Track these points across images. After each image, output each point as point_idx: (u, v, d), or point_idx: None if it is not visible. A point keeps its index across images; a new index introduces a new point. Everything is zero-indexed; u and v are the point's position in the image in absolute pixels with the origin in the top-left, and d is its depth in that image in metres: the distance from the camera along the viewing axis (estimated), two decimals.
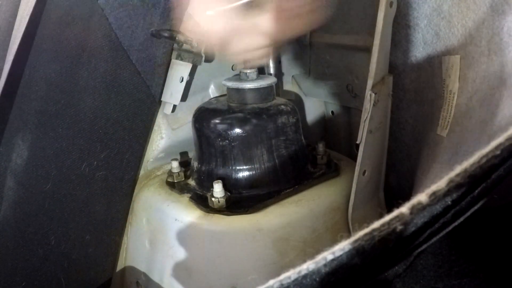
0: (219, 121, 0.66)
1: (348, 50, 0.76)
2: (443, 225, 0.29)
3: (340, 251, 0.27)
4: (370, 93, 0.59)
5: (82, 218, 0.69)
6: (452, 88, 0.54)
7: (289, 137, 0.67)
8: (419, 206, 0.27)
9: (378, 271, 0.30)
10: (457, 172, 0.27)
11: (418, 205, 0.27)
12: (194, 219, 0.63)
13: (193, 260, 0.65)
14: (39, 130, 0.62)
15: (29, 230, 0.64)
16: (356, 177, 0.62)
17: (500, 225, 0.55)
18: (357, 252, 0.27)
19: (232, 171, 0.66)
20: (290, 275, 0.27)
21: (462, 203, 0.29)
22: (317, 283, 0.28)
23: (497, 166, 0.27)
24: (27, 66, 0.60)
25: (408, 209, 0.27)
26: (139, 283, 0.75)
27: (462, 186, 0.27)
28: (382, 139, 0.68)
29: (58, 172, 0.65)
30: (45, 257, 0.66)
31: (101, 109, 0.67)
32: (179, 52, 0.71)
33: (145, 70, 0.69)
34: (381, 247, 0.28)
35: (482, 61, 0.48)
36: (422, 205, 0.27)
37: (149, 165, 0.78)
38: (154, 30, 0.68)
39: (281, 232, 0.61)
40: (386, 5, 0.58)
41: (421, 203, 0.27)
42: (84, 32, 0.63)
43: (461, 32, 0.53)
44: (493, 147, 0.26)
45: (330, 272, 0.28)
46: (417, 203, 0.27)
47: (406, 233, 0.28)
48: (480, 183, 0.28)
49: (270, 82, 0.68)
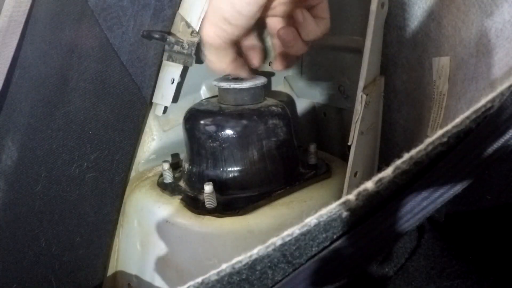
0: (210, 122, 0.66)
1: (340, 51, 0.76)
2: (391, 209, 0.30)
3: (288, 237, 0.28)
4: (362, 94, 0.59)
5: (72, 220, 0.68)
6: (442, 90, 0.54)
7: (280, 138, 0.67)
8: (365, 192, 0.28)
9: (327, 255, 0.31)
10: (404, 159, 0.27)
11: (364, 191, 0.28)
12: (185, 221, 0.63)
13: (184, 262, 0.64)
14: (29, 132, 0.62)
15: (19, 232, 0.63)
16: (348, 178, 0.62)
17: (492, 226, 0.55)
18: (305, 237, 0.28)
19: (223, 173, 0.66)
20: (242, 259, 0.28)
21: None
22: (268, 267, 0.28)
23: (445, 153, 0.28)
24: (16, 67, 0.59)
25: (354, 195, 0.28)
26: (131, 285, 0.75)
27: (407, 172, 0.28)
28: (374, 140, 0.68)
29: (48, 173, 0.64)
30: (36, 260, 0.66)
31: (91, 110, 0.66)
32: (170, 53, 0.70)
33: (136, 72, 0.69)
34: (326, 232, 0.29)
35: (471, 62, 0.48)
36: (368, 192, 0.28)
37: (140, 166, 0.78)
38: (145, 31, 0.67)
39: (272, 233, 0.61)
40: (378, 6, 0.58)
41: (367, 190, 0.28)
42: (74, 33, 0.63)
43: (451, 33, 0.53)
44: (440, 135, 0.27)
45: (280, 255, 0.28)
46: (363, 189, 0.28)
47: (352, 219, 0.29)
48: (427, 170, 0.29)
49: (261, 82, 0.68)
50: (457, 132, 0.27)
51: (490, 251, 0.52)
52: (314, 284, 0.30)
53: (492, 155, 0.28)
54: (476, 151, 0.28)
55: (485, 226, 0.54)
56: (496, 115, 0.27)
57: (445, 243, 0.54)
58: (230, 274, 0.29)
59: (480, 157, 0.28)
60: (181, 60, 0.70)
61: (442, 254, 0.54)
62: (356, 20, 0.70)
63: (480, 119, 0.28)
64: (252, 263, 0.29)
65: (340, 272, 0.31)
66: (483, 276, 0.49)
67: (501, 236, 0.52)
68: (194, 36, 0.68)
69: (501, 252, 0.50)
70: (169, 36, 0.68)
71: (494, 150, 0.28)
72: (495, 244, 0.52)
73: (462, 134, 0.28)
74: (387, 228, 0.30)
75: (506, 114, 0.27)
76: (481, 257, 0.51)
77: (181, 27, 0.70)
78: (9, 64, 0.58)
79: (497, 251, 0.51)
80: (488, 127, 0.28)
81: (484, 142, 0.28)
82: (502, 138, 0.27)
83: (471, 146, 0.28)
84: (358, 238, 0.30)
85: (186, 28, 0.69)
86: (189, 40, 0.68)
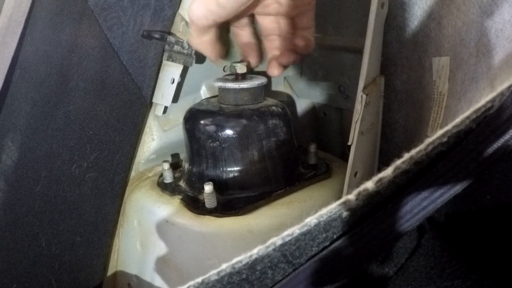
0: (210, 122, 0.66)
1: (340, 51, 0.76)
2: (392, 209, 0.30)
3: (288, 236, 0.28)
4: (362, 94, 0.58)
5: (72, 220, 0.68)
6: (442, 90, 0.54)
7: (280, 138, 0.67)
8: (365, 192, 0.28)
9: (327, 255, 0.31)
10: (404, 159, 0.27)
11: (364, 191, 0.28)
12: (185, 221, 0.63)
13: (184, 262, 0.64)
14: (29, 131, 0.62)
15: (19, 232, 0.64)
16: (348, 179, 0.62)
17: (492, 226, 0.55)
18: (305, 237, 0.28)
19: (223, 173, 0.66)
20: (242, 259, 0.28)
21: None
22: (268, 267, 0.28)
23: (445, 153, 0.28)
24: (16, 67, 0.59)
25: (354, 195, 0.28)
26: (131, 285, 0.75)
27: (407, 172, 0.28)
28: (374, 141, 0.68)
29: (48, 173, 0.64)
30: (36, 259, 0.66)
31: (91, 110, 0.66)
32: (170, 53, 0.70)
33: (136, 72, 0.69)
34: (326, 232, 0.29)
35: (471, 62, 0.48)
36: (368, 192, 0.28)
37: (140, 166, 0.78)
38: (145, 31, 0.67)
39: (272, 233, 0.61)
40: (378, 6, 0.57)
41: (367, 190, 0.28)
42: (74, 33, 0.63)
43: (451, 33, 0.53)
44: (440, 135, 0.27)
45: (280, 255, 0.28)
46: (363, 189, 0.28)
47: (352, 219, 0.29)
48: (427, 170, 0.29)
49: (261, 82, 0.68)
50: (457, 132, 0.27)
51: (490, 251, 0.52)
52: (314, 284, 0.30)
53: (492, 155, 0.28)
54: (476, 151, 0.28)
55: (485, 226, 0.54)
56: (496, 115, 0.27)
57: (445, 243, 0.54)
58: (230, 274, 0.29)
59: (480, 157, 0.28)
60: (181, 60, 0.70)
61: (442, 254, 0.53)
62: (356, 20, 0.70)
63: (480, 119, 0.27)
64: (252, 263, 0.29)
65: (340, 272, 0.31)
66: (483, 276, 0.49)
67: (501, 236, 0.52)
68: None
69: (501, 252, 0.50)
70: (169, 36, 0.69)
71: (494, 150, 0.28)
72: (495, 244, 0.52)
73: (462, 134, 0.28)
74: (387, 228, 0.30)
75: (506, 114, 0.27)
76: (481, 257, 0.51)
77: (181, 27, 0.70)
78: (9, 64, 0.58)
79: (497, 251, 0.51)
80: (488, 127, 0.28)
81: (484, 142, 0.28)
82: (502, 138, 0.27)
83: (471, 146, 0.28)
84: (358, 238, 0.30)
85: (186, 28, 0.70)
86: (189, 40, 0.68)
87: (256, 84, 0.67)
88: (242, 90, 0.67)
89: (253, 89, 0.68)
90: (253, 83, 0.67)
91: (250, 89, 0.67)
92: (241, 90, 0.67)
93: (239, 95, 0.67)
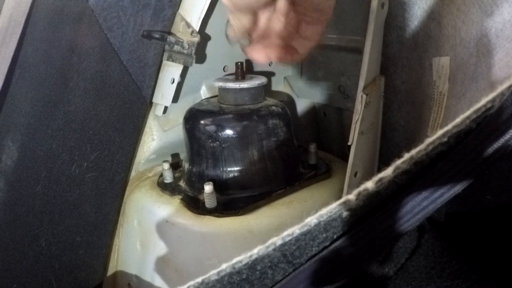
0: (210, 122, 0.66)
1: (340, 51, 0.76)
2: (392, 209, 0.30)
3: (288, 236, 0.28)
4: (362, 94, 0.59)
5: (72, 220, 0.68)
6: (442, 90, 0.54)
7: (280, 138, 0.67)
8: (365, 192, 0.28)
9: (327, 255, 0.31)
10: (404, 159, 0.27)
11: (364, 191, 0.28)
12: (185, 221, 0.63)
13: (184, 262, 0.64)
14: (29, 132, 0.62)
15: (19, 232, 0.63)
16: (348, 178, 0.62)
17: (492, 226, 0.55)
18: (305, 237, 0.28)
19: (223, 173, 0.66)
20: (242, 259, 0.28)
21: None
22: (268, 267, 0.28)
23: (445, 153, 0.28)
24: (16, 67, 0.59)
25: (354, 195, 0.28)
26: (131, 285, 0.75)
27: (408, 172, 0.28)
28: (374, 140, 0.68)
29: (48, 173, 0.64)
30: (36, 259, 0.66)
31: (91, 110, 0.66)
32: (170, 53, 0.70)
33: (136, 72, 0.69)
34: (326, 232, 0.29)
35: (471, 62, 0.48)
36: (368, 192, 0.28)
37: (140, 166, 0.78)
38: (145, 31, 0.67)
39: (272, 233, 0.61)
40: (378, 6, 0.58)
41: (367, 190, 0.28)
42: (74, 33, 0.63)
43: (451, 33, 0.53)
44: (440, 135, 0.27)
45: (280, 255, 0.28)
46: (363, 189, 0.28)
47: (352, 219, 0.29)
48: (427, 170, 0.29)
49: (261, 82, 0.68)
50: (457, 132, 0.27)
51: (490, 251, 0.52)
52: (314, 284, 0.30)
53: (492, 155, 0.28)
54: (476, 151, 0.28)
55: (485, 226, 0.54)
56: (496, 115, 0.27)
57: (445, 243, 0.54)
58: (230, 274, 0.29)
59: (480, 157, 0.28)
60: (181, 60, 0.70)
61: (442, 254, 0.53)
62: (356, 20, 0.70)
63: (480, 119, 0.27)
64: (252, 263, 0.29)
65: (340, 272, 0.31)
66: (483, 276, 0.49)
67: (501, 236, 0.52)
68: (194, 36, 0.68)
69: (501, 252, 0.50)
70: (169, 36, 0.68)
71: (494, 150, 0.28)
72: (495, 244, 0.52)
73: (462, 134, 0.28)
74: (387, 228, 0.30)
75: (506, 114, 0.27)
76: (481, 257, 0.51)
77: (181, 27, 0.70)
78: (9, 64, 0.58)
79: (497, 251, 0.51)
80: (488, 127, 0.27)
81: (484, 142, 0.28)
82: (502, 138, 0.27)
83: (471, 146, 0.28)
84: (358, 238, 0.29)
85: (186, 28, 0.69)
86: (189, 40, 0.68)
87: (256, 84, 0.67)
88: (242, 90, 0.67)
89: (253, 89, 0.68)
90: (253, 83, 0.67)
91: (250, 89, 0.67)
92: (241, 90, 0.67)
93: (239, 95, 0.67)
